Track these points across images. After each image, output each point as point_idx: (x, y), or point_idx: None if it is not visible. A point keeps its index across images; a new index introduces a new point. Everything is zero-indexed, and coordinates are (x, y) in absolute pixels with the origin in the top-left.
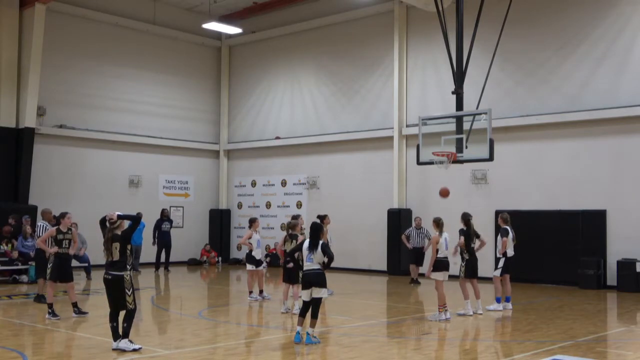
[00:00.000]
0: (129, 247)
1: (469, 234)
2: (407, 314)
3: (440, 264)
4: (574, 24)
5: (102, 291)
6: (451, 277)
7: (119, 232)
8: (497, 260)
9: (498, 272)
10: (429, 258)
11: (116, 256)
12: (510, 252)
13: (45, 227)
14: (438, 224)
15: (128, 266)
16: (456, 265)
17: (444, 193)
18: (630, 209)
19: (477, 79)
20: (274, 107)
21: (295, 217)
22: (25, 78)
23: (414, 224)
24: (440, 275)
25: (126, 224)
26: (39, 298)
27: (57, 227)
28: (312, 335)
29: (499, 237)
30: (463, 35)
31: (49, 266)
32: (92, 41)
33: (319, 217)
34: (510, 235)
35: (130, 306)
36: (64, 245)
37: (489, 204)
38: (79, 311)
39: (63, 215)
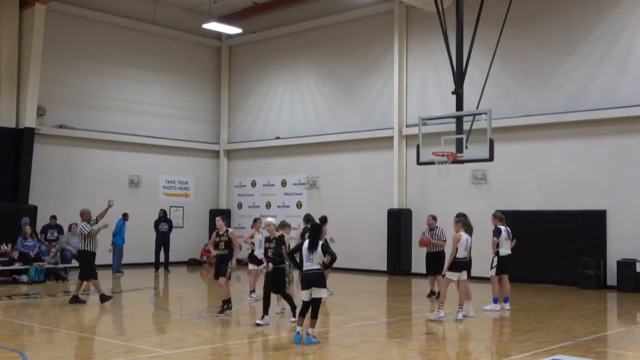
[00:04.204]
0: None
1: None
2: (407, 314)
3: (458, 265)
4: (574, 24)
5: (102, 291)
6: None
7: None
8: (492, 260)
9: (493, 272)
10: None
11: None
12: (505, 252)
13: (85, 227)
14: (464, 223)
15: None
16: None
17: (424, 243)
18: (630, 209)
19: (477, 79)
20: (274, 107)
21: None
22: (25, 78)
23: (426, 226)
24: (454, 276)
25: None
26: (76, 298)
27: (216, 231)
28: (312, 336)
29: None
30: (463, 35)
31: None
32: (92, 41)
33: (321, 219)
34: (504, 234)
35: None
36: (220, 247)
37: (489, 204)
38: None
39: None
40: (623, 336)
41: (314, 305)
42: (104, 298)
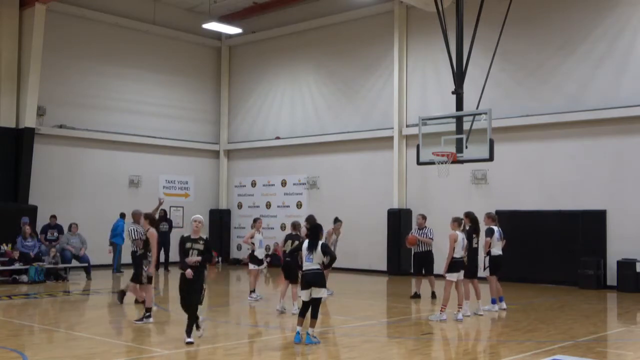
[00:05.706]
0: None
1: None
2: (407, 314)
3: (456, 265)
4: (574, 24)
5: (103, 291)
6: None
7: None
8: (484, 260)
9: (487, 272)
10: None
11: None
12: (496, 252)
13: (137, 230)
14: (460, 223)
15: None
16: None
17: (412, 242)
18: (630, 209)
19: (477, 79)
20: (274, 107)
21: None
22: (25, 78)
23: (415, 225)
24: (454, 276)
25: None
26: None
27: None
28: (312, 336)
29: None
30: (463, 35)
31: None
32: (92, 41)
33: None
34: (496, 235)
35: None
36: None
37: (489, 204)
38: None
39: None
40: (623, 336)
41: (313, 305)
42: (121, 296)
